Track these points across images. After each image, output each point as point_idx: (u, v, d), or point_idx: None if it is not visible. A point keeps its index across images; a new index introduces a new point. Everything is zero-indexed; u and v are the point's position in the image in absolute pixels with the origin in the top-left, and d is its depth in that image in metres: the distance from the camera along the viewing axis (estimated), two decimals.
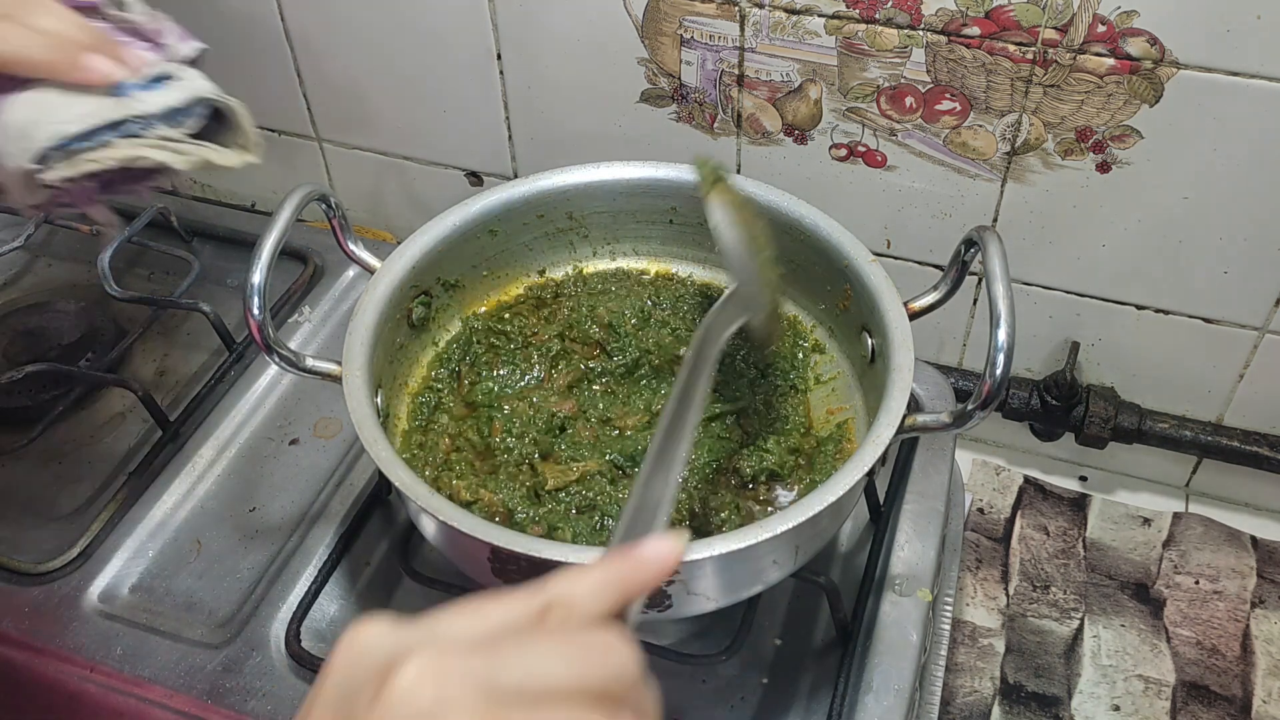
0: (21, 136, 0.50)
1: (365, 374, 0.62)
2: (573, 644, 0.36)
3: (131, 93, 0.53)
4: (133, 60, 0.54)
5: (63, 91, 0.51)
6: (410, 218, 1.03)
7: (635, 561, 0.40)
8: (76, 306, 0.91)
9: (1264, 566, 0.87)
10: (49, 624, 0.69)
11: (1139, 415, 0.87)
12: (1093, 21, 0.69)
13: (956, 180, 0.81)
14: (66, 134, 0.50)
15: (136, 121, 0.52)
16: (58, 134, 0.50)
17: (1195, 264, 0.79)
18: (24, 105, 0.51)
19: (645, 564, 0.40)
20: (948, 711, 0.79)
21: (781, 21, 0.77)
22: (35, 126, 0.50)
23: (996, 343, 0.55)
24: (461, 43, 0.88)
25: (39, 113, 0.51)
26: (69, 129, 0.50)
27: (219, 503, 0.77)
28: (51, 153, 0.50)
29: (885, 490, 0.75)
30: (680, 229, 0.77)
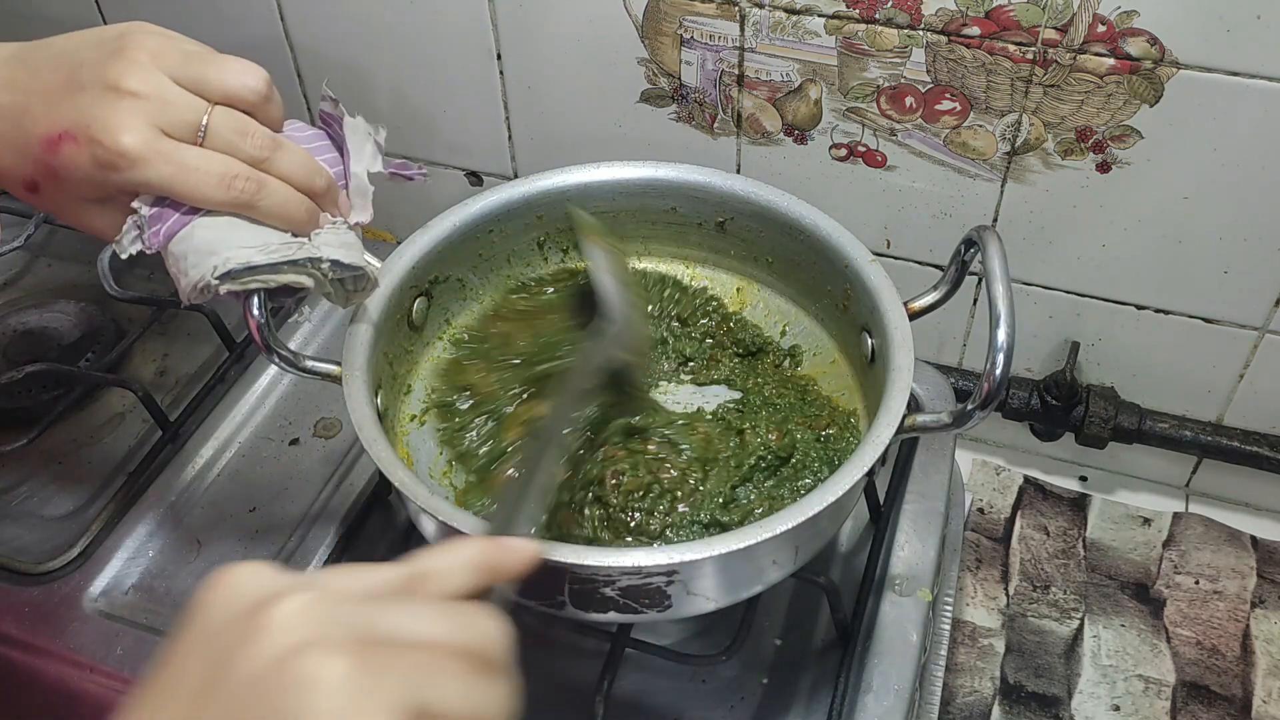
0: (210, 254, 0.55)
1: (365, 374, 0.62)
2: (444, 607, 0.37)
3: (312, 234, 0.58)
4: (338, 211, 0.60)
5: (245, 221, 0.56)
6: (410, 218, 1.03)
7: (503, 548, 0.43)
8: (76, 306, 0.91)
9: (1264, 566, 0.87)
10: (49, 624, 0.69)
11: (1139, 415, 0.87)
12: (1093, 21, 0.69)
13: (956, 180, 0.81)
14: (254, 262, 0.55)
15: (309, 260, 0.57)
16: (246, 260, 0.54)
17: (1195, 264, 0.79)
18: (215, 226, 0.55)
19: (512, 552, 0.43)
20: (948, 711, 0.80)
21: (781, 21, 0.77)
22: (225, 248, 0.55)
23: (996, 343, 0.55)
24: (461, 42, 0.88)
25: (228, 235, 0.55)
26: (256, 259, 0.55)
27: (219, 503, 0.77)
28: (233, 273, 0.54)
29: (885, 490, 0.75)
30: (681, 229, 0.77)
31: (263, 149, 0.55)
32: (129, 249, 0.56)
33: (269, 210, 0.56)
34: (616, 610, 0.57)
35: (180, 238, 0.55)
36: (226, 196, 0.54)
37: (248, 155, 0.55)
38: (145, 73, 0.52)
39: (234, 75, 0.54)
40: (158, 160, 0.52)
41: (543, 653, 0.69)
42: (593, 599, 0.56)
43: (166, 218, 0.55)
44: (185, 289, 0.56)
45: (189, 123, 0.53)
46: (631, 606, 0.56)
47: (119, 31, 0.54)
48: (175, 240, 0.55)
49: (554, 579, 0.55)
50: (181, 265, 0.55)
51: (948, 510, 0.75)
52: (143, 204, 0.55)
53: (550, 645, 0.69)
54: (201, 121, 0.54)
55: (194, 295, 0.56)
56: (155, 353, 0.90)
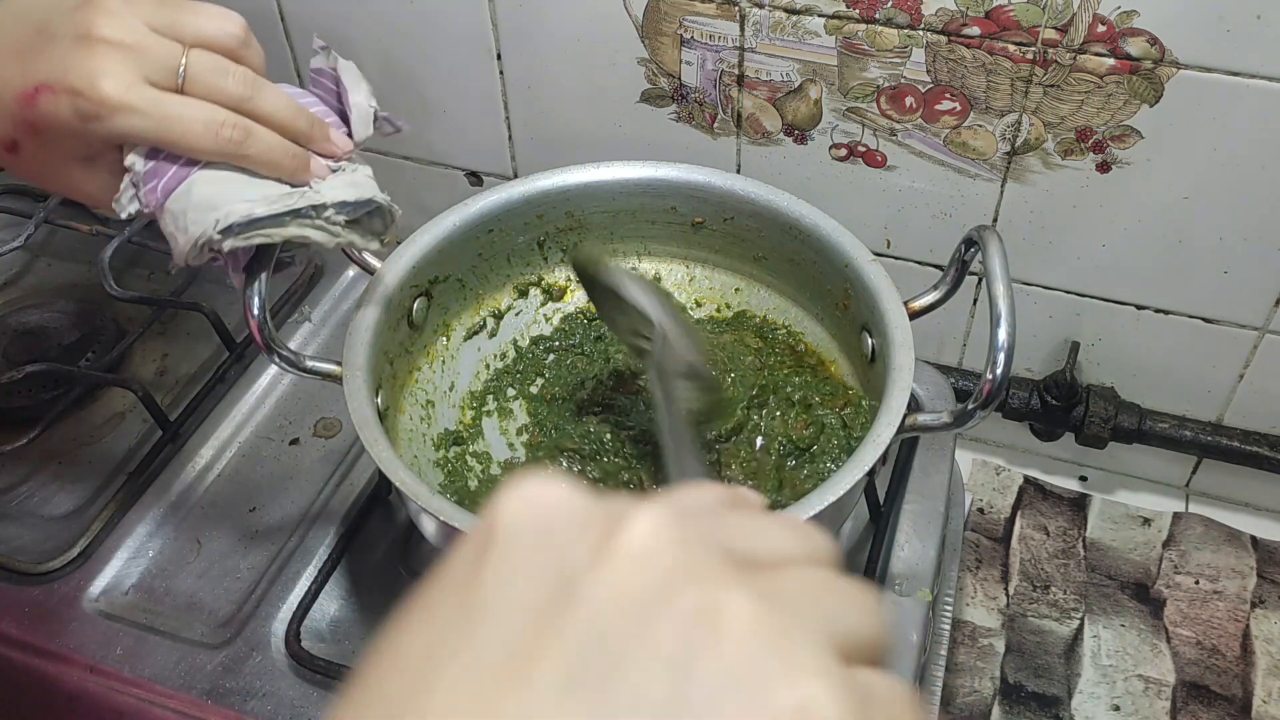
0: (211, 209, 0.53)
1: (365, 374, 0.62)
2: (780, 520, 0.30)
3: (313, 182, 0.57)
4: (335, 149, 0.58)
5: (247, 173, 0.55)
6: (410, 218, 1.03)
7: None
8: (76, 306, 0.91)
9: (1264, 566, 0.87)
10: (49, 624, 0.69)
11: (1139, 415, 0.87)
12: (1093, 21, 0.69)
13: (956, 180, 0.81)
14: (254, 215, 0.53)
15: (313, 208, 0.55)
16: (248, 213, 0.53)
17: (1195, 264, 0.79)
18: (214, 181, 0.54)
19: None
20: (948, 711, 0.79)
21: (781, 21, 0.77)
22: (225, 202, 0.53)
23: (997, 342, 0.55)
24: (461, 43, 0.88)
25: (228, 189, 0.54)
26: (257, 210, 0.53)
27: (219, 503, 0.77)
28: (238, 225, 0.53)
29: (885, 490, 0.75)
30: (681, 229, 0.77)
31: (245, 86, 0.53)
32: (128, 208, 0.54)
33: (259, 156, 0.54)
34: None
35: (177, 194, 0.53)
36: (214, 144, 0.53)
37: (230, 95, 0.53)
38: (119, 19, 0.51)
39: (210, 20, 0.53)
40: (141, 107, 0.51)
41: None
42: None
43: (162, 173, 0.53)
44: (184, 248, 0.54)
45: (167, 67, 0.52)
46: None
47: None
48: (173, 197, 0.53)
49: None
50: (180, 223, 0.54)
51: (948, 510, 0.75)
52: (136, 160, 0.53)
53: None
54: (180, 65, 0.52)
55: (193, 255, 0.54)
56: (155, 353, 0.90)
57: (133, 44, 0.51)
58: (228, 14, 0.54)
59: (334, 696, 0.65)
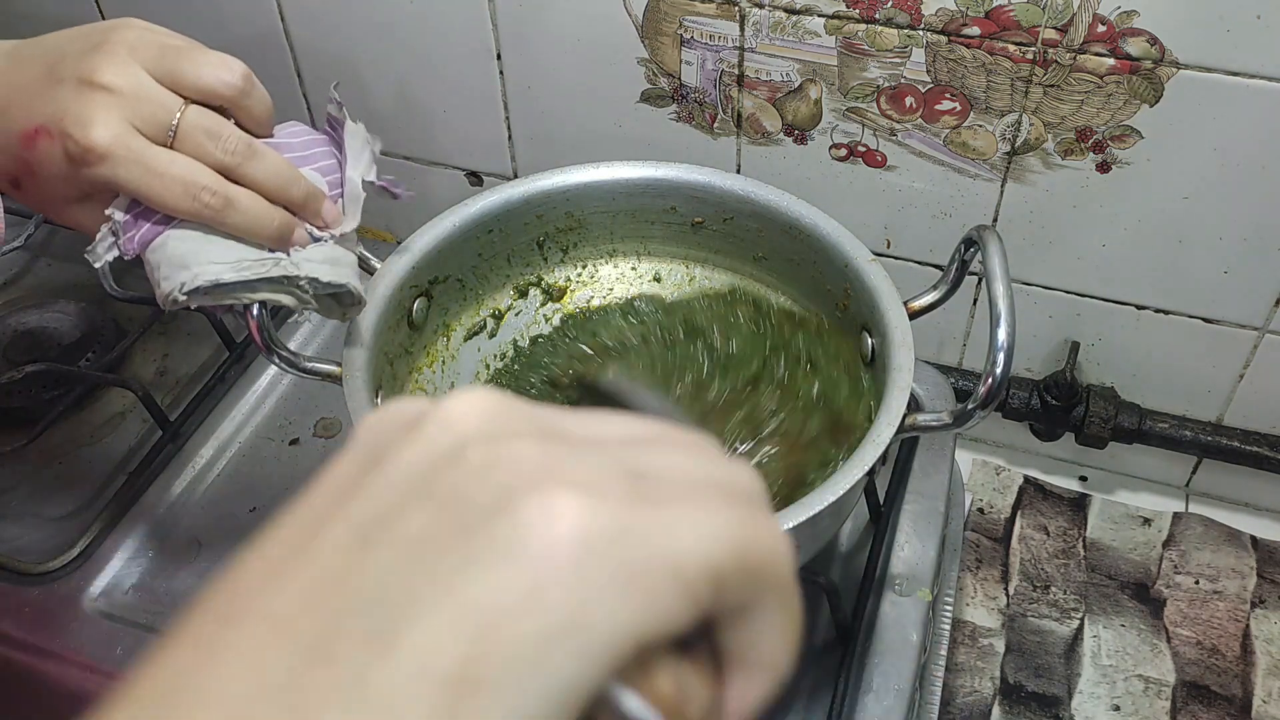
0: (181, 268, 0.53)
1: (365, 374, 0.62)
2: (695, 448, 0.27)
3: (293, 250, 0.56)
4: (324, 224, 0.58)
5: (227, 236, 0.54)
6: (410, 218, 1.03)
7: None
8: (76, 306, 0.91)
9: (1264, 566, 0.87)
10: (49, 624, 0.69)
11: (1139, 415, 0.87)
12: (1093, 21, 0.69)
13: (956, 180, 0.81)
14: (223, 280, 0.53)
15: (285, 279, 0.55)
16: (215, 277, 0.53)
17: (1195, 264, 0.79)
18: (188, 239, 0.54)
19: None
20: (948, 711, 0.79)
21: (781, 21, 0.77)
22: (195, 263, 0.53)
23: (997, 342, 0.55)
24: (461, 43, 0.88)
25: (200, 250, 0.54)
26: (226, 276, 0.53)
27: (219, 503, 0.77)
28: (201, 290, 0.53)
29: (885, 490, 0.75)
30: (681, 229, 0.77)
31: (234, 154, 0.53)
32: (103, 256, 0.55)
33: (237, 226, 0.54)
34: None
35: (154, 246, 0.54)
36: (191, 207, 0.52)
37: (217, 160, 0.53)
38: (121, 66, 0.51)
39: (210, 70, 0.53)
40: (127, 158, 0.51)
41: None
42: None
43: (141, 225, 0.54)
44: (159, 298, 0.54)
45: (160, 121, 0.52)
46: None
47: (105, 26, 0.53)
48: (150, 249, 0.54)
49: None
50: (155, 275, 0.54)
51: (948, 510, 0.75)
52: (117, 210, 0.54)
53: None
54: (173, 120, 0.52)
55: (168, 305, 0.54)
56: (155, 353, 0.90)
57: (130, 92, 0.51)
58: (229, 63, 0.54)
59: None
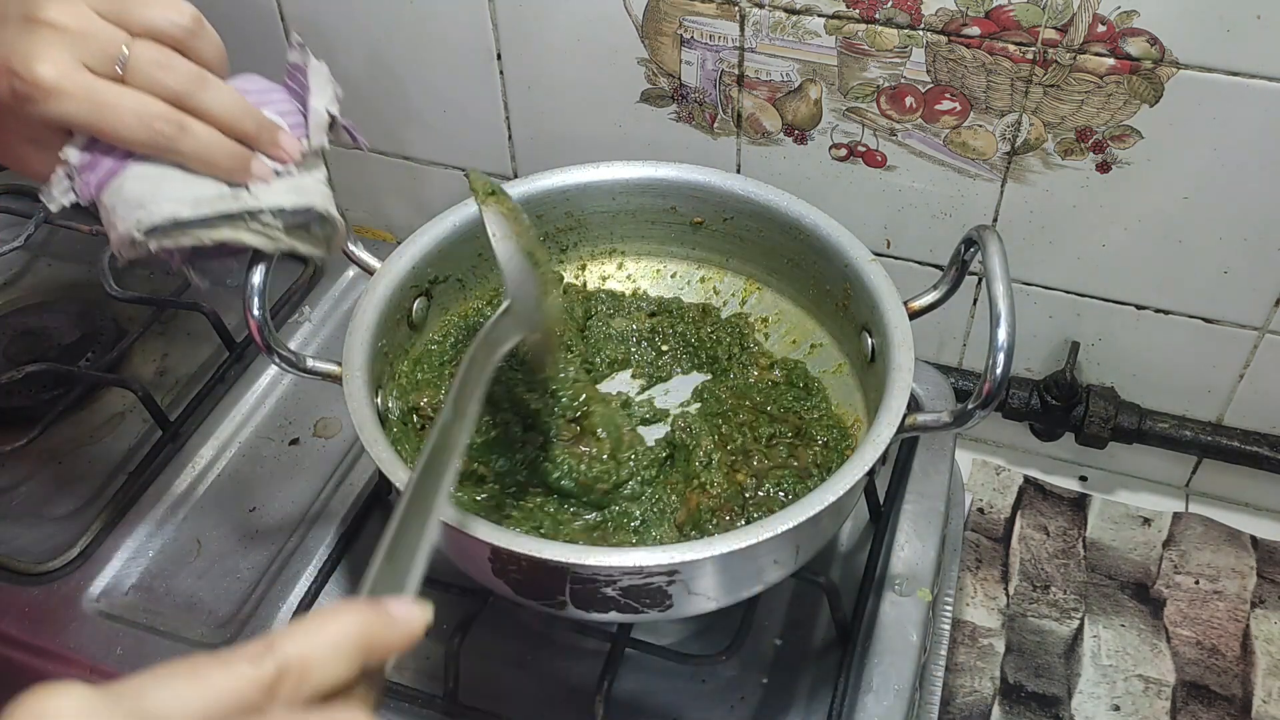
0: (137, 206, 0.52)
1: (365, 374, 0.62)
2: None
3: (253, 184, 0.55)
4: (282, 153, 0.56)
5: (184, 170, 0.53)
6: (410, 218, 1.03)
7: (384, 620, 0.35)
8: (76, 306, 0.91)
9: (1264, 566, 0.87)
10: (49, 624, 0.69)
11: (1139, 415, 0.87)
12: (1093, 21, 0.69)
13: (956, 180, 0.81)
14: (180, 217, 0.52)
15: (246, 213, 0.54)
16: (172, 214, 0.52)
17: (1195, 264, 0.79)
18: (143, 178, 0.53)
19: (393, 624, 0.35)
20: (948, 711, 0.79)
21: (781, 21, 0.77)
22: (152, 201, 0.52)
23: (997, 342, 0.55)
24: (461, 43, 0.88)
25: (157, 188, 0.53)
26: (183, 212, 0.52)
27: (219, 503, 0.77)
28: (161, 226, 0.52)
29: (885, 490, 0.75)
30: (681, 229, 0.77)
31: (185, 83, 0.52)
32: (59, 200, 0.53)
33: (194, 153, 0.53)
34: (617, 610, 0.57)
35: (111, 189, 0.52)
36: (146, 136, 0.51)
37: (168, 90, 0.52)
38: (66, 3, 0.50)
39: (158, 9, 0.52)
40: (75, 93, 0.50)
41: (543, 653, 0.69)
42: (594, 599, 0.56)
43: (98, 166, 0.52)
44: (115, 243, 0.53)
45: (109, 54, 0.51)
46: (632, 606, 0.56)
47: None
48: (106, 191, 0.52)
49: (555, 579, 0.55)
50: (110, 218, 0.53)
51: (948, 510, 0.75)
52: (72, 151, 0.53)
53: (550, 645, 0.69)
54: (121, 54, 0.51)
55: (126, 250, 0.53)
56: (155, 353, 0.90)
57: (76, 29, 0.50)
58: (178, 3, 0.53)
59: None
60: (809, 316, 0.75)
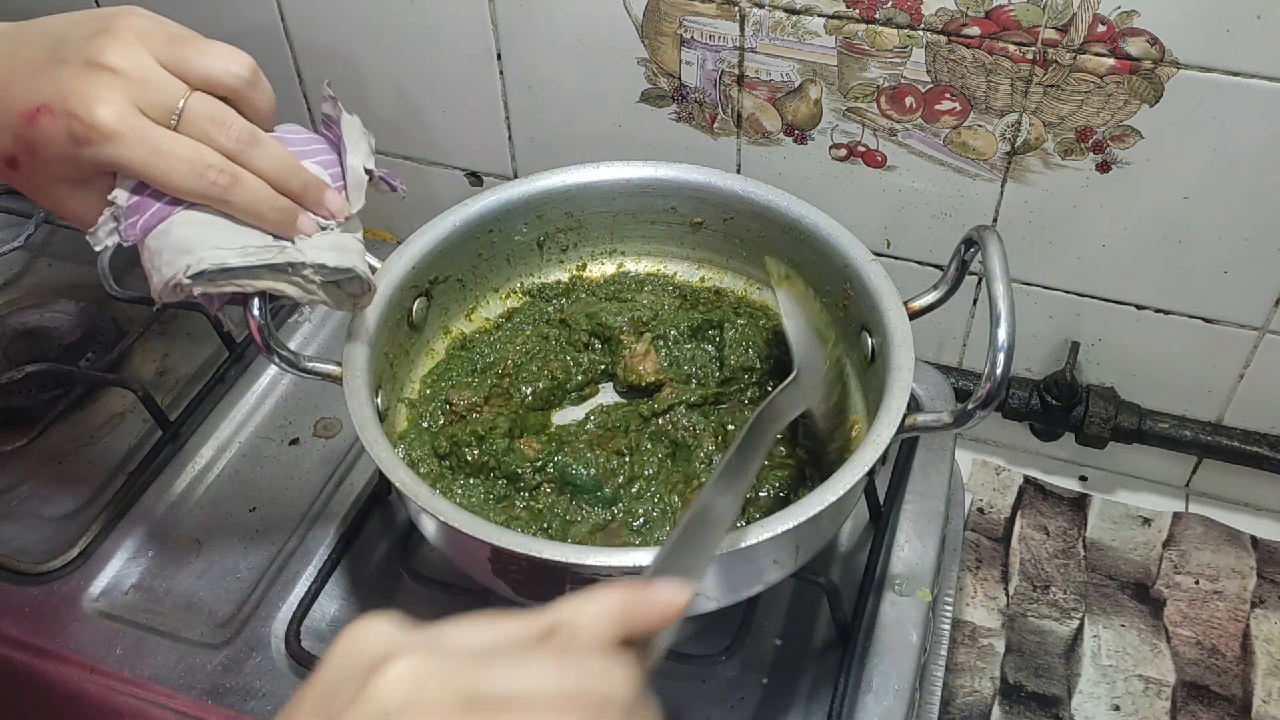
0: (185, 252, 0.53)
1: (365, 374, 0.62)
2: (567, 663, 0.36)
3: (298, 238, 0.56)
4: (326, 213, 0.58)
5: (229, 220, 0.54)
6: (410, 218, 1.03)
7: (645, 600, 0.39)
8: (76, 306, 0.91)
9: (1264, 566, 0.87)
10: (49, 624, 0.69)
11: (1139, 415, 0.87)
12: (1093, 21, 0.69)
13: (956, 180, 0.81)
14: (227, 264, 0.53)
15: (290, 265, 0.55)
16: (221, 261, 0.53)
17: (1195, 264, 0.79)
18: (194, 223, 0.53)
19: (653, 605, 0.39)
20: (948, 711, 0.79)
21: (781, 21, 0.77)
22: (199, 247, 0.53)
23: (997, 342, 0.55)
24: (461, 43, 0.88)
25: (207, 233, 0.53)
26: (230, 260, 0.53)
27: (219, 503, 0.77)
28: (208, 273, 0.53)
29: (885, 490, 0.75)
30: (681, 229, 0.77)
31: (238, 141, 0.54)
32: (104, 241, 0.54)
33: (244, 205, 0.54)
34: None
35: (157, 233, 0.53)
36: (198, 186, 0.52)
37: (221, 146, 0.53)
38: (128, 49, 0.51)
39: (217, 59, 0.53)
40: (132, 138, 0.51)
41: None
42: None
43: (145, 210, 0.53)
44: (157, 286, 0.54)
45: (165, 105, 0.52)
46: None
47: (110, 12, 0.53)
48: (152, 235, 0.53)
49: (555, 579, 0.55)
50: (155, 262, 0.54)
51: (948, 510, 0.75)
52: (121, 193, 0.53)
53: None
54: (178, 105, 0.52)
55: (166, 294, 0.54)
56: (155, 353, 0.90)
57: (137, 76, 0.51)
58: (236, 55, 0.54)
59: None
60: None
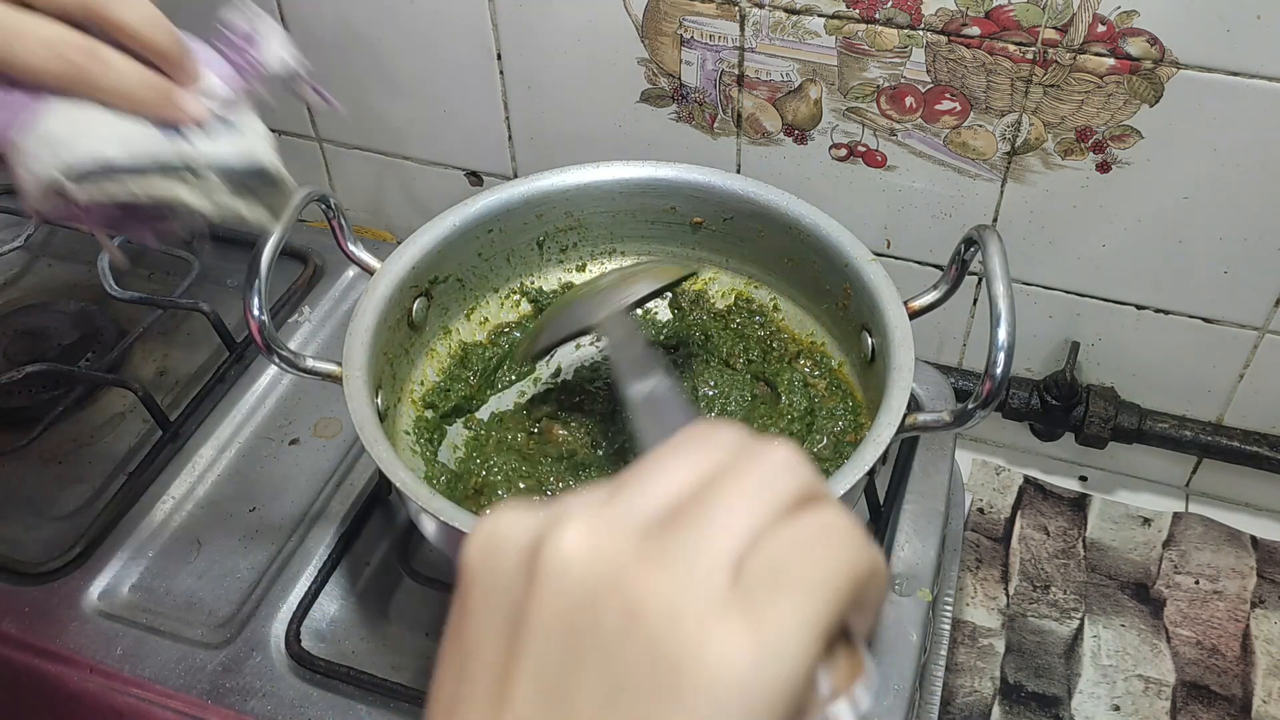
0: (58, 145, 0.47)
1: (365, 374, 0.62)
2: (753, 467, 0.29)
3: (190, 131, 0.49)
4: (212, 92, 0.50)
5: (110, 112, 0.48)
6: (410, 218, 1.03)
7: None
8: (76, 306, 0.91)
9: (1264, 566, 0.87)
10: (49, 624, 0.69)
11: (1139, 415, 0.87)
12: (1093, 21, 0.69)
13: (956, 180, 0.81)
14: (108, 159, 0.47)
15: (184, 163, 0.48)
16: (99, 156, 0.47)
17: (1195, 264, 0.79)
18: (66, 115, 0.47)
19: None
20: (948, 711, 0.79)
21: (781, 21, 0.77)
22: (75, 140, 0.47)
23: (997, 341, 0.55)
24: (461, 43, 0.88)
25: (82, 126, 0.47)
26: (112, 155, 0.47)
27: (219, 503, 0.77)
28: (86, 171, 0.47)
29: (885, 490, 0.75)
30: (681, 229, 0.77)
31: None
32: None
33: (114, 87, 0.47)
34: None
35: (26, 127, 0.46)
36: (57, 67, 0.46)
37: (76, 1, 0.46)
38: None
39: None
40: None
41: None
42: None
43: (14, 105, 0.47)
44: (32, 192, 0.47)
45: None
46: None
47: None
48: (21, 131, 0.47)
49: None
50: (26, 163, 0.47)
51: (948, 510, 0.75)
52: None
53: None
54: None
55: (44, 203, 0.47)
56: (155, 353, 0.90)
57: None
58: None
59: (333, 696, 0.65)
60: (809, 316, 0.75)
